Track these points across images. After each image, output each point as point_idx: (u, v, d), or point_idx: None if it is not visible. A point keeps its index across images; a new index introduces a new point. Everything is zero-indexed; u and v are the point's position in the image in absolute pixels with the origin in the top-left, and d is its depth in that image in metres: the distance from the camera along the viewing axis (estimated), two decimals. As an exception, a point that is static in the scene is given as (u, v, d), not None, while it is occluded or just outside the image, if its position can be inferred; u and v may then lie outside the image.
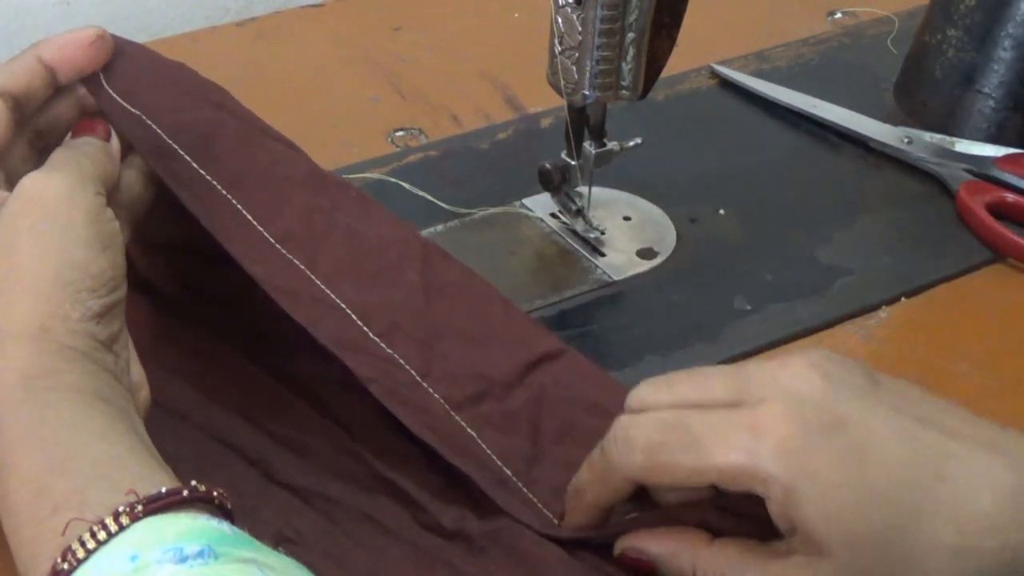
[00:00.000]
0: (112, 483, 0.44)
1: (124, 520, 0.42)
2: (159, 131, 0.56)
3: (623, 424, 0.50)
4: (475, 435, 0.56)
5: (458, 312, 0.60)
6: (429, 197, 0.74)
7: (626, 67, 0.66)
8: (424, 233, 0.71)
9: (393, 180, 0.75)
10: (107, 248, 0.50)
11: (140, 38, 0.88)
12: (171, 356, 0.59)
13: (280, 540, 0.53)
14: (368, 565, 0.53)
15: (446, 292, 0.61)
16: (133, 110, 0.56)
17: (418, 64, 0.88)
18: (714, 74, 0.88)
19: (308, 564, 0.45)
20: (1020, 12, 0.79)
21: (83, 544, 0.41)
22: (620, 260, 0.72)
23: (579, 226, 0.73)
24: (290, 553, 0.45)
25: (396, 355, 0.57)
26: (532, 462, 0.57)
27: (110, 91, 0.57)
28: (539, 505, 0.55)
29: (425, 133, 0.82)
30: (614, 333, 0.68)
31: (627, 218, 0.75)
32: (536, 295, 0.69)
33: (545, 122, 0.83)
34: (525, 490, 0.56)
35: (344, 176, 0.74)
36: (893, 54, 0.90)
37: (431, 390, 0.57)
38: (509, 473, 0.56)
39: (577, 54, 0.65)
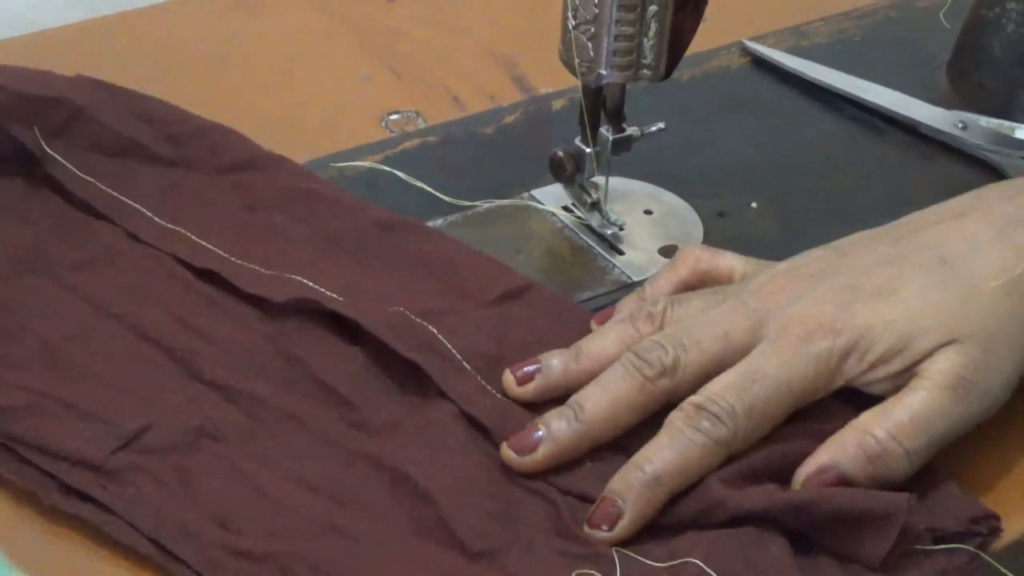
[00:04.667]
0: None
1: None
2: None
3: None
4: (436, 331, 0.60)
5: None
6: (427, 188, 0.73)
7: (648, 43, 0.66)
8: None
9: (387, 169, 0.74)
10: None
11: (105, 10, 0.89)
12: (104, 259, 0.65)
13: (200, 435, 0.56)
14: (290, 464, 0.56)
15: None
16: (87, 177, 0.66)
17: (415, 39, 0.88)
18: (746, 51, 0.88)
19: (228, 460, 0.54)
20: (1092, -19, 0.78)
21: None
22: (640, 259, 0.70)
23: (594, 221, 0.72)
24: (209, 449, 0.55)
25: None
26: (495, 363, 0.60)
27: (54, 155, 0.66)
28: (496, 394, 0.59)
29: (423, 116, 0.81)
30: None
31: (648, 212, 0.74)
32: (546, 298, 0.69)
33: (557, 105, 0.82)
34: (483, 382, 0.59)
35: (332, 164, 0.74)
36: (946, 29, 0.90)
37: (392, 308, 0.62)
38: (469, 367, 0.59)
39: (593, 29, 0.65)
